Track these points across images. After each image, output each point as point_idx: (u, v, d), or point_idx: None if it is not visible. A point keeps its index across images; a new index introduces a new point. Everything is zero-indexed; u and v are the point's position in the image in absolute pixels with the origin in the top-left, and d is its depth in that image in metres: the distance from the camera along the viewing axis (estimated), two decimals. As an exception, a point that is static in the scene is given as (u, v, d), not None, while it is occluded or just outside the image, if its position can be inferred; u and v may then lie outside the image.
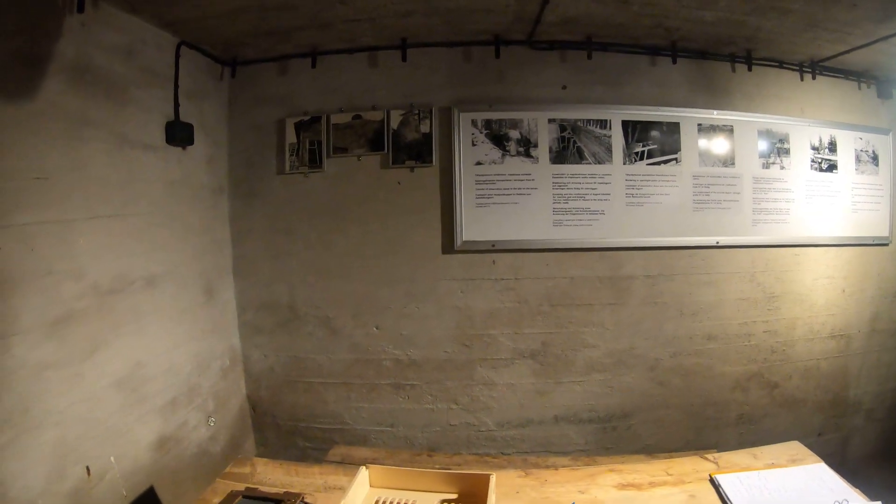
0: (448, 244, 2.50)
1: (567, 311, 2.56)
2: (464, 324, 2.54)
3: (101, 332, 1.75)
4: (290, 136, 2.52)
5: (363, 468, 1.33)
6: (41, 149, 1.54)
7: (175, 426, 2.10)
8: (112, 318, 1.80)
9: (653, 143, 2.53)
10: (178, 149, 2.19)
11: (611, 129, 2.50)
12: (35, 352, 1.49)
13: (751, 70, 2.58)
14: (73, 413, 1.61)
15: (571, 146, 2.49)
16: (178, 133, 2.14)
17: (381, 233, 2.52)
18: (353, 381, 2.58)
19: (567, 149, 2.49)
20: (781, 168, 2.66)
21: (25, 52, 1.50)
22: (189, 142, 2.22)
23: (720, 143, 2.59)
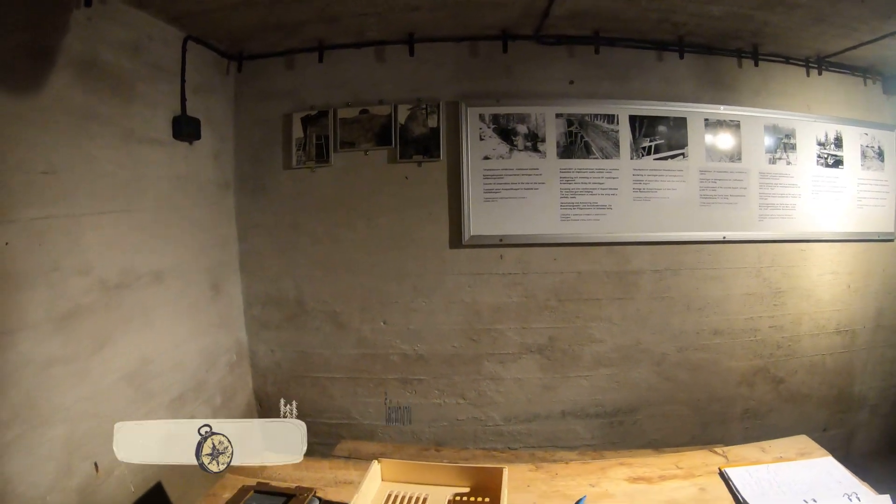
0: (455, 239, 2.49)
1: (574, 306, 2.55)
2: (471, 318, 2.54)
3: (109, 328, 1.74)
4: (297, 131, 2.51)
5: (375, 462, 1.32)
6: (48, 144, 1.52)
7: (183, 421, 2.09)
8: (119, 314, 1.79)
9: (660, 138, 2.52)
10: (185, 144, 2.18)
11: (618, 124, 2.49)
12: (42, 347, 1.48)
13: (757, 65, 2.58)
14: (81, 409, 1.60)
15: (579, 141, 2.48)
16: (185, 128, 2.13)
17: (389, 227, 2.51)
18: (361, 376, 2.58)
19: (574, 143, 2.48)
20: (788, 163, 2.65)
21: (32, 47, 1.48)
22: (196, 137, 2.21)
23: (727, 139, 2.59)
